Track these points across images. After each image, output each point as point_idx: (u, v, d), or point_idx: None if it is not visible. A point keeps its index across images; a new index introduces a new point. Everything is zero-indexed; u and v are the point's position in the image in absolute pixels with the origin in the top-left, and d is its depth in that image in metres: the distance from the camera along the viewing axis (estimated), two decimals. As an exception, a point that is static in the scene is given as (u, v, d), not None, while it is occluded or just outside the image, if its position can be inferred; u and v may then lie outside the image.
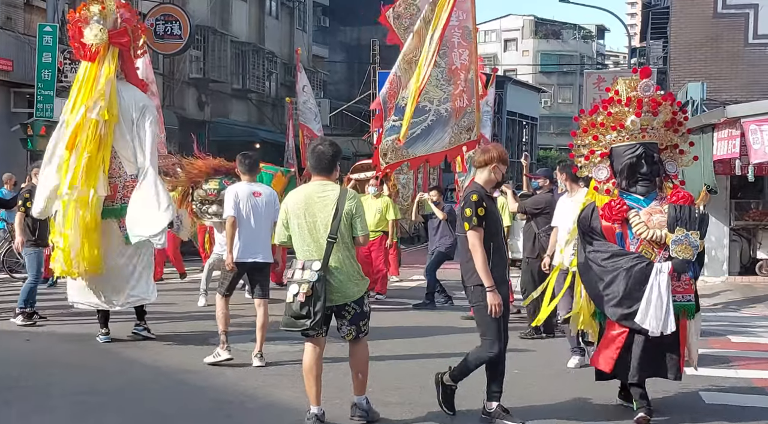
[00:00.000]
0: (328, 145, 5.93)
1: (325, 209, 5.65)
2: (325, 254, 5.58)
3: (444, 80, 9.76)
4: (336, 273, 5.64)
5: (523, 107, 51.06)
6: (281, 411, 6.22)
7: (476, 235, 5.67)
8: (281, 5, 32.81)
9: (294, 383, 6.98)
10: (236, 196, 7.80)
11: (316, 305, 5.48)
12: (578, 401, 6.65)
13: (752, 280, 14.87)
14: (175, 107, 24.61)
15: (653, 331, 5.68)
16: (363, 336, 5.90)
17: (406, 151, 9.52)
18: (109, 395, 6.77)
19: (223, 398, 6.64)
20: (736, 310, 12.29)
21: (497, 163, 5.88)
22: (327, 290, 5.55)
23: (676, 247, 5.69)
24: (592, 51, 77.57)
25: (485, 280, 5.63)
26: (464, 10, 10.04)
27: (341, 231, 5.63)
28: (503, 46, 73.20)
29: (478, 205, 5.67)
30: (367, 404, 5.88)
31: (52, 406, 6.39)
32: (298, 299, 5.49)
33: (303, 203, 5.73)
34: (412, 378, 7.28)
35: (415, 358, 8.27)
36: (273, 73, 32.09)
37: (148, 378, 7.39)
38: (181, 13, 22.57)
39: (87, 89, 8.53)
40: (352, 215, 5.68)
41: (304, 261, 5.63)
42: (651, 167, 6.06)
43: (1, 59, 17.73)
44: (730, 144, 12.73)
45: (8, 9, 18.66)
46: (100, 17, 8.59)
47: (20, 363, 7.95)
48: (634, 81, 6.17)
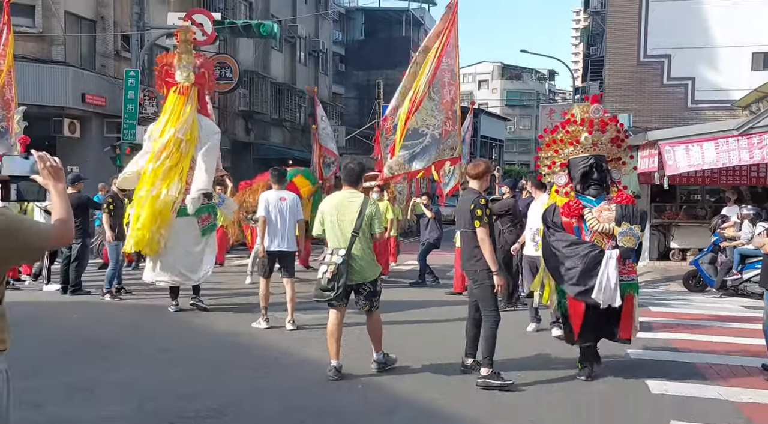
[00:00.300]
0: (356, 164, 6.15)
1: (351, 211, 5.82)
2: (349, 244, 5.74)
3: (437, 111, 9.84)
4: (357, 259, 5.77)
5: (492, 132, 51.03)
6: (311, 366, 6.23)
7: (486, 230, 5.59)
8: (308, 55, 32.79)
9: (320, 344, 6.98)
10: (267, 201, 7.90)
11: (339, 282, 5.66)
12: (540, 356, 6.69)
13: (667, 264, 14.86)
14: (228, 133, 24.61)
15: (603, 304, 5.64)
16: (375, 310, 5.98)
17: (408, 165, 9.61)
18: (178, 352, 6.81)
19: (264, 354, 6.66)
20: (655, 287, 12.28)
21: (486, 174, 5.87)
22: (349, 272, 5.70)
23: (622, 237, 5.66)
24: (545, 89, 77.35)
25: (493, 265, 5.56)
26: (452, 57, 10.15)
27: (363, 228, 5.79)
28: (477, 85, 72.99)
29: (486, 206, 5.65)
30: (383, 357, 6.02)
31: (137, 360, 6.43)
32: (326, 276, 5.68)
33: (335, 206, 5.91)
34: (410, 338, 7.32)
35: (411, 323, 8.31)
36: (302, 106, 32.07)
37: (206, 339, 7.42)
38: (232, 61, 22.58)
39: (176, 116, 8.66)
40: (372, 216, 5.84)
41: (333, 248, 5.80)
42: (600, 174, 6.01)
43: (97, 97, 17.76)
44: (651, 160, 12.72)
45: (102, 59, 18.69)
46: (187, 63, 8.77)
47: (112, 328, 8.01)
48: (586, 106, 6.12)
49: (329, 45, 35.74)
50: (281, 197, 7.94)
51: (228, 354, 6.74)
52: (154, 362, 6.38)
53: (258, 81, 26.90)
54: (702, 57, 18.19)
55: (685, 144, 11.73)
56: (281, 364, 6.36)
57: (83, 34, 18.28)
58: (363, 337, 7.30)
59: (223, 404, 5.08)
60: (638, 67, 18.61)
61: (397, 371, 6.02)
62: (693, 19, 18.16)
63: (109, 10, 18.67)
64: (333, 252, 5.77)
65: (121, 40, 19.25)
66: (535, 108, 60.39)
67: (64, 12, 17.43)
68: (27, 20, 16.95)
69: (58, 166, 2.49)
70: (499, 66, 73.24)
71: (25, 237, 2.35)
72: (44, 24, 17.06)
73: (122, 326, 8.07)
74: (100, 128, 18.34)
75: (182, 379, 5.79)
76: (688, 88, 18.31)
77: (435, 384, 5.70)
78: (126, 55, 19.07)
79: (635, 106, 18.44)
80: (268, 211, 7.82)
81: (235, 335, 7.50)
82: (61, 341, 7.15)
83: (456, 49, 10.08)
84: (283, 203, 7.88)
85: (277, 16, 27.77)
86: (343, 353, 5.91)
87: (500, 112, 62.23)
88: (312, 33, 32.93)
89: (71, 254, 10.13)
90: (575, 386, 5.71)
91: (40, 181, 2.44)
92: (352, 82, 40.44)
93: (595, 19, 31.57)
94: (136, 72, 17.43)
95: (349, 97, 40.49)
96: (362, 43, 41.21)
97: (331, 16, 36.27)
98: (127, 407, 5.04)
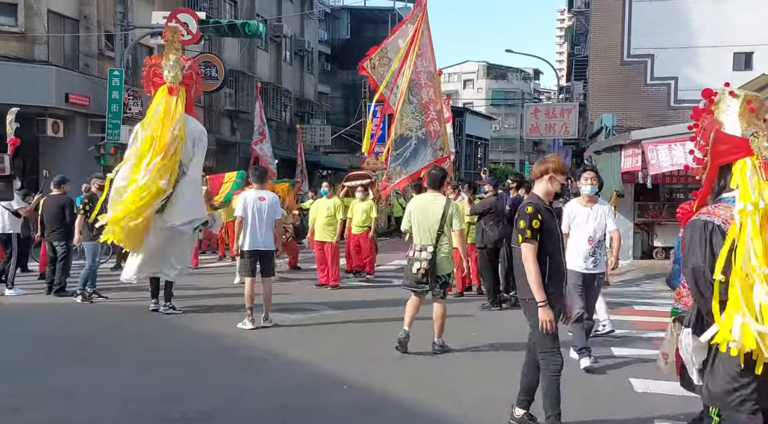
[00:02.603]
0: (439, 170, 6.88)
1: (435, 212, 6.51)
2: (435, 241, 6.45)
3: (418, 112, 9.91)
4: (441, 254, 6.49)
5: (478, 131, 51.12)
6: (298, 366, 6.22)
7: (529, 247, 4.33)
8: (294, 54, 32.69)
9: (307, 344, 7.02)
10: (245, 201, 7.88)
11: (432, 276, 6.43)
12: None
13: (650, 263, 14.95)
14: (214, 132, 24.48)
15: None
16: (443, 297, 6.65)
17: (404, 170, 9.75)
18: (163, 353, 6.76)
19: (251, 355, 6.62)
20: (638, 285, 12.35)
21: (553, 173, 4.49)
22: (436, 265, 6.43)
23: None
24: (530, 88, 77.65)
25: (537, 294, 4.29)
26: (426, 58, 10.22)
27: (446, 226, 6.50)
28: (463, 84, 73.13)
29: (532, 217, 4.33)
30: (441, 341, 6.68)
31: (120, 361, 6.37)
32: (420, 272, 6.43)
33: (421, 207, 6.61)
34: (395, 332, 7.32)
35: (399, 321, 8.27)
36: (288, 105, 31.97)
37: (192, 340, 7.36)
38: (217, 60, 22.48)
39: (169, 115, 8.55)
40: (452, 216, 6.54)
41: (420, 245, 6.50)
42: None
43: (81, 96, 17.58)
44: (634, 160, 12.80)
45: (86, 58, 18.51)
46: (175, 63, 8.73)
47: (94, 329, 7.92)
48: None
49: (315, 44, 35.63)
50: (260, 197, 7.90)
51: (214, 355, 6.69)
52: (138, 363, 6.32)
53: (244, 80, 26.77)
54: (684, 57, 18.36)
55: (668, 143, 11.82)
56: (268, 365, 6.32)
57: (66, 33, 18.09)
58: (347, 339, 7.31)
59: (210, 406, 5.05)
60: (622, 67, 18.75)
61: (384, 372, 6.01)
62: (676, 19, 18.31)
63: (93, 8, 18.49)
64: (421, 249, 6.48)
65: (105, 40, 19.07)
66: (520, 107, 60.49)
67: (47, 11, 17.23)
68: (9, 19, 16.75)
69: None
70: (484, 65, 73.41)
71: None
72: (26, 23, 16.86)
73: (105, 328, 7.98)
74: (84, 128, 18.16)
75: (167, 380, 5.74)
76: (670, 87, 18.48)
77: (423, 384, 5.69)
78: (110, 55, 18.90)
79: (619, 106, 18.57)
80: (246, 210, 7.79)
81: (221, 336, 7.44)
82: (42, 342, 7.06)
83: (431, 49, 10.13)
84: (263, 203, 7.84)
85: (262, 15, 27.66)
86: (327, 354, 5.92)
87: (485, 111, 62.38)
88: (297, 32, 32.83)
89: (56, 256, 9.99)
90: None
91: None
92: (338, 81, 40.34)
93: (579, 18, 31.74)
94: (120, 71, 17.28)
95: (335, 97, 40.40)
96: (348, 42, 41.09)
97: (316, 16, 36.17)
98: (109, 409, 4.99)
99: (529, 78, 77.66)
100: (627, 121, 17.90)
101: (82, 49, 18.49)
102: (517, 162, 68.76)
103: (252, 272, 7.85)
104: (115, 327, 8.04)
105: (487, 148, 56.00)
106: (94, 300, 9.46)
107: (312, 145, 32.00)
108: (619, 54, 18.75)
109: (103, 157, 16.57)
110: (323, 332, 7.68)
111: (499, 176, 27.62)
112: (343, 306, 9.27)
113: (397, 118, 9.96)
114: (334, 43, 41.10)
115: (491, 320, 8.47)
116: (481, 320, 8.43)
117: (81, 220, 9.59)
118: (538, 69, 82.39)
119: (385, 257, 15.08)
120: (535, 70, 79.81)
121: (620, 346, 6.99)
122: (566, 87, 39.63)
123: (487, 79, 73.31)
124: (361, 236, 11.97)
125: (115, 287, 10.31)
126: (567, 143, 30.91)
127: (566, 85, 40.26)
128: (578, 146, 29.00)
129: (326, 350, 6.76)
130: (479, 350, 6.87)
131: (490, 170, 33.38)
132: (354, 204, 12.25)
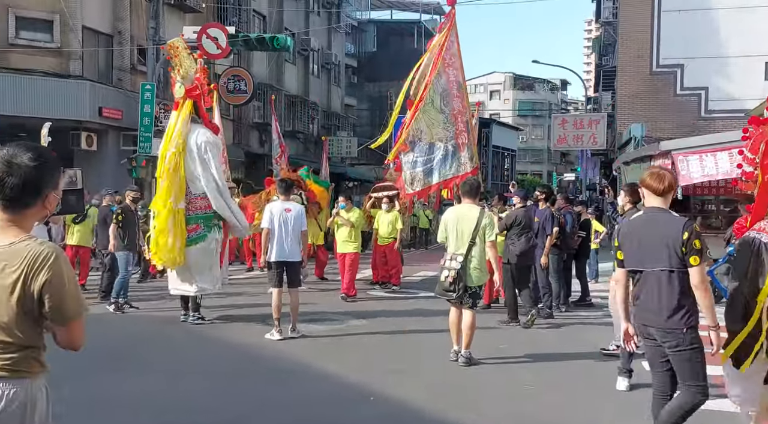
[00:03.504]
0: (474, 181, 7.06)
1: (470, 222, 6.53)
2: (466, 251, 6.47)
3: (449, 123, 9.88)
4: (472, 265, 6.50)
5: (504, 142, 50.87)
6: (325, 378, 6.23)
7: (703, 270, 3.77)
8: (321, 67, 32.97)
9: (334, 355, 7.03)
10: (271, 212, 7.94)
11: (459, 285, 6.44)
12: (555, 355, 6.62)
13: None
14: (242, 144, 24.75)
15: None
16: (473, 308, 6.62)
17: (427, 179, 9.70)
18: (193, 364, 6.83)
19: (278, 366, 6.66)
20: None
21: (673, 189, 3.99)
22: (466, 275, 6.44)
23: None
24: (557, 99, 77.25)
25: (711, 319, 3.78)
26: (455, 68, 10.18)
27: (479, 237, 6.51)
28: (489, 95, 73.02)
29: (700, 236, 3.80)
30: (468, 353, 6.59)
31: (151, 371, 6.45)
32: (447, 280, 6.45)
33: (456, 217, 6.64)
34: (425, 350, 7.29)
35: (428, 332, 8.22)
36: (315, 118, 32.23)
37: (221, 350, 7.42)
38: (246, 74, 22.77)
39: (168, 132, 8.73)
40: (486, 226, 6.55)
41: (452, 253, 6.54)
42: None
43: (114, 110, 17.94)
44: (663, 171, 12.62)
45: (119, 72, 18.90)
46: (182, 77, 8.80)
47: (125, 340, 8.03)
48: None
49: (342, 57, 35.90)
50: (286, 208, 7.95)
51: (242, 366, 6.74)
52: (168, 373, 6.39)
53: (272, 93, 27.06)
54: (715, 67, 18.10)
55: (699, 154, 11.64)
56: (295, 375, 6.34)
57: (100, 48, 18.50)
58: (374, 350, 7.30)
59: (237, 416, 5.08)
60: (651, 77, 18.56)
61: (410, 384, 6.00)
62: (705, 29, 18.09)
63: (126, 24, 18.89)
64: (452, 257, 6.50)
65: (137, 54, 19.45)
66: (547, 118, 60.21)
67: (82, 27, 17.64)
68: (45, 35, 17.18)
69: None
70: (511, 76, 73.25)
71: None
72: (62, 39, 17.28)
73: (136, 338, 8.10)
74: (117, 141, 18.50)
75: (197, 391, 5.80)
76: (701, 97, 18.22)
77: (448, 397, 5.66)
78: (142, 69, 19.27)
79: (648, 116, 18.36)
80: (272, 222, 7.86)
81: (249, 347, 7.49)
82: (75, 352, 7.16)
83: (460, 60, 10.11)
84: (288, 214, 7.90)
85: (290, 29, 27.96)
86: (354, 365, 5.91)
87: (512, 122, 62.12)
88: (325, 45, 33.11)
89: (105, 264, 10.58)
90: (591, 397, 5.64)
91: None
92: (365, 93, 40.57)
93: (607, 29, 31.52)
94: (152, 85, 17.60)
95: (362, 109, 40.61)
96: (374, 54, 41.35)
97: (343, 29, 36.46)
98: (142, 419, 5.06)
99: (556, 89, 77.27)
100: (656, 132, 17.67)
101: (116, 64, 18.88)
102: (544, 173, 68.31)
103: (279, 282, 7.89)
104: (145, 337, 8.15)
105: (514, 159, 55.69)
106: (125, 310, 9.60)
107: (338, 156, 32.18)
108: (647, 64, 18.58)
109: (135, 169, 16.88)
110: (350, 343, 7.68)
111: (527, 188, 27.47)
112: (369, 317, 9.27)
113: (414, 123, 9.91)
114: (361, 55, 41.39)
115: (520, 333, 8.39)
116: (509, 332, 8.36)
117: (114, 229, 9.82)
118: (566, 80, 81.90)
119: (412, 269, 15.06)
120: (562, 81, 79.39)
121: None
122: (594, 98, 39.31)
123: (513, 90, 73.13)
124: (388, 247, 11.98)
125: (145, 297, 10.45)
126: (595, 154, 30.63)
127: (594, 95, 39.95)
128: (606, 157, 28.73)
129: (352, 361, 6.77)
130: (507, 362, 6.81)
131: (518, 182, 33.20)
132: (380, 215, 12.27)
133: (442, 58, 10.04)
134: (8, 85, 16.17)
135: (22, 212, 2.24)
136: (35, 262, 2.15)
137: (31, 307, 2.18)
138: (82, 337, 2.30)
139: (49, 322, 2.25)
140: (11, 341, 2.20)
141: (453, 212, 6.81)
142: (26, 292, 2.15)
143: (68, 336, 2.28)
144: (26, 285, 2.15)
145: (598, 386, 5.95)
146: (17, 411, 2.21)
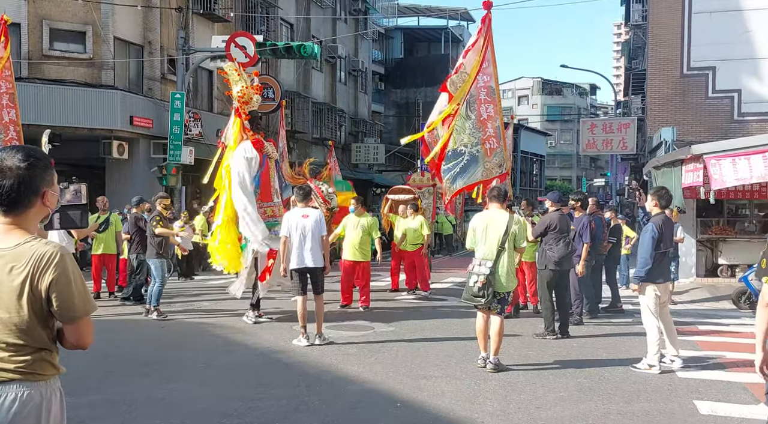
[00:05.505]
0: (503, 187, 7.16)
1: (499, 227, 6.53)
2: (495, 257, 6.44)
3: (475, 129, 9.80)
4: (501, 271, 6.47)
5: (533, 147, 50.49)
6: (351, 383, 6.23)
7: None
8: (348, 74, 33.11)
9: (360, 361, 7.02)
10: (288, 221, 7.99)
11: (488, 290, 6.39)
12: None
13: (716, 281, 14.41)
14: (270, 152, 25.02)
15: None
16: (502, 314, 6.57)
17: (451, 186, 9.63)
18: (220, 369, 6.86)
19: (305, 371, 6.67)
20: (703, 304, 11.91)
21: None
22: (495, 281, 6.40)
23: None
24: (586, 104, 76.39)
25: None
26: (488, 74, 10.09)
27: (508, 243, 6.48)
28: (517, 101, 72.59)
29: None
30: (496, 360, 6.55)
31: (179, 377, 6.50)
32: (476, 285, 6.40)
33: (485, 223, 6.62)
34: (454, 355, 7.25)
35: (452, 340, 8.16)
36: (342, 125, 32.36)
37: (249, 356, 7.46)
38: (274, 82, 22.96)
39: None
40: (516, 233, 6.53)
41: (481, 259, 6.50)
42: None
43: (145, 119, 18.23)
44: (695, 175, 12.39)
45: (149, 82, 19.21)
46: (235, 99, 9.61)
47: (154, 345, 8.13)
48: None
49: (368, 64, 36.02)
50: (304, 215, 7.95)
51: (269, 371, 6.76)
52: (196, 379, 6.44)
53: (299, 101, 27.25)
54: (747, 68, 17.73)
55: (732, 157, 11.40)
56: (322, 381, 6.34)
57: (131, 58, 18.83)
58: (401, 357, 7.27)
59: (265, 422, 5.09)
60: (681, 80, 18.25)
61: (437, 390, 5.96)
62: (737, 30, 17.74)
63: (156, 34, 19.21)
64: (481, 263, 6.47)
65: (168, 64, 19.76)
66: (576, 122, 59.66)
67: (113, 38, 17.99)
68: (78, 46, 17.56)
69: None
70: (539, 81, 72.73)
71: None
72: (95, 50, 17.63)
73: (164, 343, 8.19)
74: (147, 149, 18.79)
75: (224, 396, 5.82)
76: (734, 100, 17.85)
77: (475, 404, 5.61)
78: (172, 78, 19.56)
79: (679, 120, 18.05)
80: (291, 230, 7.87)
81: (276, 352, 7.53)
82: (104, 357, 7.27)
83: (493, 65, 10.02)
84: (306, 221, 7.88)
85: (317, 37, 28.16)
86: (381, 371, 5.88)
87: (541, 127, 61.63)
88: (351, 53, 33.26)
89: (134, 267, 11.10)
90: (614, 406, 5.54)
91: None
92: (392, 100, 40.64)
93: (637, 32, 31.13)
94: (182, 94, 17.86)
95: (389, 115, 40.67)
96: (401, 61, 41.41)
97: (370, 36, 36.60)
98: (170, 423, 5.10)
99: (585, 93, 76.52)
100: (687, 135, 17.35)
101: (146, 74, 19.20)
102: (573, 178, 67.61)
103: (303, 290, 7.91)
104: (173, 343, 8.23)
105: (543, 164, 55.22)
106: (168, 317, 9.80)
107: (366, 163, 32.23)
108: (678, 67, 18.25)
109: (165, 177, 17.13)
110: (377, 349, 7.66)
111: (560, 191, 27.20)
112: (396, 323, 9.24)
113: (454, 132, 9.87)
114: (388, 62, 41.46)
115: (548, 339, 8.28)
116: (537, 339, 8.26)
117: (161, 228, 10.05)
118: (595, 84, 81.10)
119: (440, 275, 15.00)
120: (591, 85, 78.62)
121: (683, 367, 6.73)
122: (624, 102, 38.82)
123: (542, 94, 72.58)
124: (415, 254, 11.93)
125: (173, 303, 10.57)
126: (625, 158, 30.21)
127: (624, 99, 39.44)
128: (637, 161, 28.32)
129: (379, 368, 6.75)
130: (535, 370, 6.73)
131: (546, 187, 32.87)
132: (397, 221, 12.21)
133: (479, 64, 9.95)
134: (43, 95, 16.54)
135: (22, 214, 2.27)
136: (41, 262, 2.18)
137: (40, 307, 2.20)
138: (90, 334, 2.30)
139: (58, 320, 2.27)
140: (24, 344, 2.22)
141: (482, 217, 6.77)
142: (34, 292, 2.18)
143: (76, 334, 2.27)
144: (33, 285, 2.18)
145: (629, 394, 5.84)
146: (32, 414, 2.21)
